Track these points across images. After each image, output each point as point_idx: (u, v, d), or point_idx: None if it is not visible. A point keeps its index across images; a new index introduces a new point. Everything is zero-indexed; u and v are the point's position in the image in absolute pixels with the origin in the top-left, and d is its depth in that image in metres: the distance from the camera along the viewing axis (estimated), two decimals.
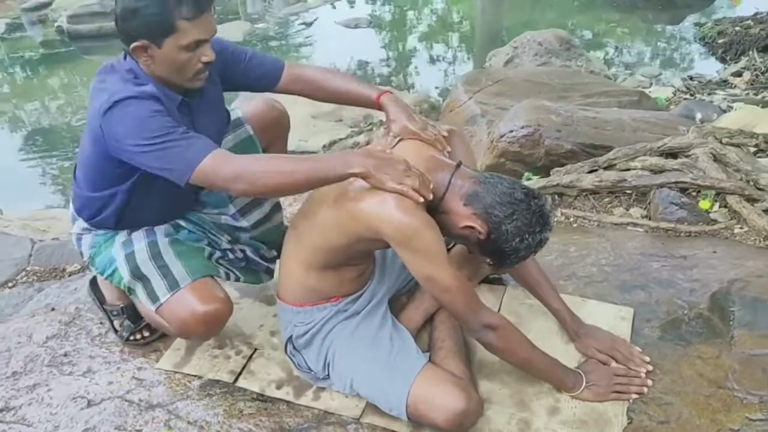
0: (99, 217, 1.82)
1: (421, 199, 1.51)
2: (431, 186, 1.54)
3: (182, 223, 1.92)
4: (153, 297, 1.78)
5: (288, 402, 1.80)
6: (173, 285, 1.76)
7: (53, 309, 2.25)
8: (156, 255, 1.81)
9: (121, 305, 2.00)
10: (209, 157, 1.53)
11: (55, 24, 8.14)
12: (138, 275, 1.80)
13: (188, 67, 1.62)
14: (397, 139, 1.71)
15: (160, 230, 1.87)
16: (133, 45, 1.58)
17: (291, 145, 4.58)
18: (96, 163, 1.70)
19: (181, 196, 1.86)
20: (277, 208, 2.11)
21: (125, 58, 1.66)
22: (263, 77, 1.90)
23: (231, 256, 1.99)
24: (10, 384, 1.92)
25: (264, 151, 2.07)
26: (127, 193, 1.75)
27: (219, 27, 1.76)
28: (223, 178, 1.53)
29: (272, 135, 2.09)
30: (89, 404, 1.83)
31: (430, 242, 1.51)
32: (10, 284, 2.76)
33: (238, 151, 1.97)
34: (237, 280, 2.00)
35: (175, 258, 1.81)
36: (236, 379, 1.88)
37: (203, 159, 1.52)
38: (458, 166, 1.62)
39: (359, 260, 1.76)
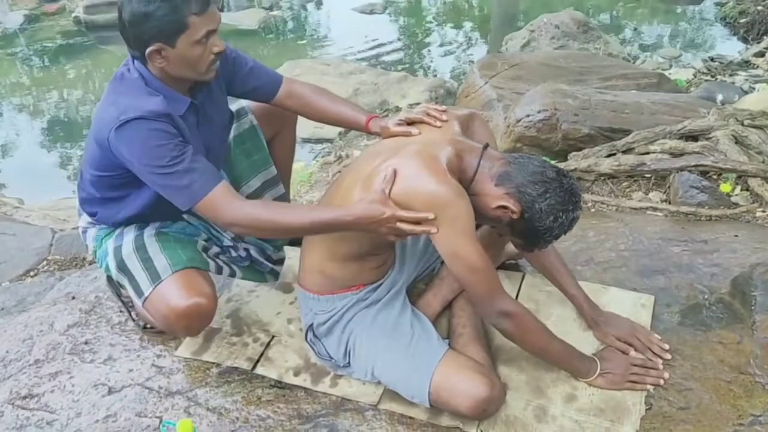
0: (99, 216, 1.86)
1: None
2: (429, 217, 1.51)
3: (185, 216, 1.91)
4: (138, 291, 1.78)
5: (306, 389, 1.81)
6: (155, 277, 1.75)
7: (74, 297, 2.28)
8: (140, 247, 1.80)
9: None
10: (210, 194, 1.59)
11: (72, 15, 8.16)
12: (123, 268, 1.80)
13: (202, 61, 1.63)
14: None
15: (153, 224, 1.86)
16: (148, 50, 1.58)
17: (306, 132, 4.62)
18: (102, 166, 1.72)
19: None
20: (282, 199, 2.12)
21: (133, 62, 1.66)
22: (260, 88, 1.91)
23: (234, 253, 1.99)
24: (33, 372, 1.95)
25: (271, 142, 2.08)
26: (134, 201, 1.78)
27: (234, 15, 1.76)
28: (222, 221, 1.64)
29: (279, 125, 2.09)
30: (110, 391, 1.85)
31: (461, 213, 1.49)
32: (32, 273, 2.80)
33: (241, 141, 2.00)
34: (232, 275, 1.98)
35: (159, 250, 1.79)
36: (254, 367, 1.89)
37: (204, 197, 1.59)
38: (485, 147, 1.61)
39: (381, 249, 1.75)
